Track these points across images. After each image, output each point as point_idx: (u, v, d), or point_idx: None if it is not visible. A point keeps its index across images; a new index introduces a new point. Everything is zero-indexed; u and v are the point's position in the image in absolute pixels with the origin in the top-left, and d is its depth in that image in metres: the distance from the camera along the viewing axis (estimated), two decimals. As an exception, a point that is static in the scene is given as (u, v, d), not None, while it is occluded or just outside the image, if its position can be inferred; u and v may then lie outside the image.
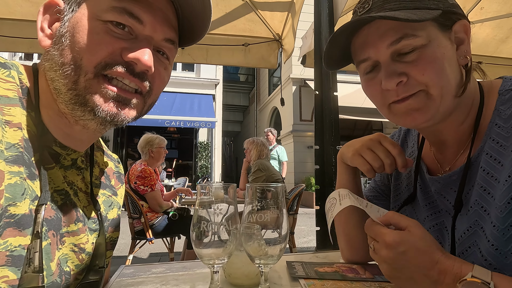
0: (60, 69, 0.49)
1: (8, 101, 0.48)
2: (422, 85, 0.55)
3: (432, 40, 0.54)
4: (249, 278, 0.67)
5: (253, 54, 3.00)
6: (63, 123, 0.54)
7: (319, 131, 2.31)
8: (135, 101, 0.54)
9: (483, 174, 0.56)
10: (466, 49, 0.58)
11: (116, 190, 0.74)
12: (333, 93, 2.36)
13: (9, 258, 0.44)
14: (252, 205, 0.61)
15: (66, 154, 0.57)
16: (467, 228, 0.58)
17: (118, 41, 0.50)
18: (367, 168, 0.70)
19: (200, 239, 0.60)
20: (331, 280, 0.69)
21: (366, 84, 0.63)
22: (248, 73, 19.46)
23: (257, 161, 3.27)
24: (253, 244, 0.61)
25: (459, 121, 0.61)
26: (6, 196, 0.43)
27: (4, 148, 0.44)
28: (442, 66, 0.54)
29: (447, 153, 0.67)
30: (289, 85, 11.34)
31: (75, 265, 0.57)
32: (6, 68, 0.50)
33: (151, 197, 2.86)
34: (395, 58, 0.56)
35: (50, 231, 0.51)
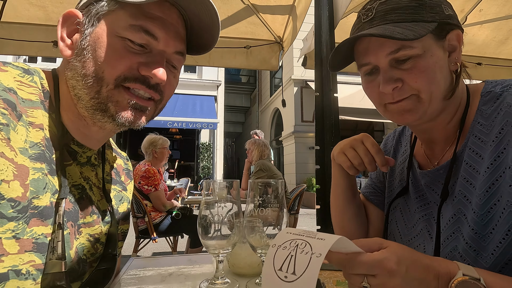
0: (82, 80, 0.55)
1: (31, 104, 0.53)
2: (415, 90, 0.62)
3: (426, 50, 0.60)
4: (251, 267, 0.71)
5: (254, 56, 3.05)
6: (82, 124, 0.60)
7: (319, 132, 2.35)
8: (149, 108, 0.61)
9: (466, 167, 0.62)
10: (457, 56, 0.64)
11: (126, 185, 0.80)
12: (334, 95, 2.40)
13: (34, 245, 0.49)
14: (254, 200, 0.66)
15: (82, 152, 0.62)
16: (451, 215, 0.63)
17: (135, 56, 0.56)
18: (347, 165, 0.76)
19: (206, 233, 0.64)
20: (328, 270, 0.73)
21: (366, 84, 0.70)
22: (250, 74, 19.53)
23: (258, 161, 3.31)
24: (255, 236, 0.65)
25: (447, 120, 0.68)
26: (31, 189, 0.48)
27: (28, 146, 0.50)
28: (434, 75, 0.61)
29: (436, 150, 0.73)
30: (291, 86, 11.38)
31: (91, 253, 0.62)
32: (29, 74, 0.56)
33: (155, 196, 2.91)
34: (393, 65, 0.63)
35: (69, 222, 0.57)
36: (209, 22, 0.63)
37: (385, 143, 0.92)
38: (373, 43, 0.63)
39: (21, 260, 0.47)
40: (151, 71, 0.56)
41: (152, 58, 0.57)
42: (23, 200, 0.47)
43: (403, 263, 0.45)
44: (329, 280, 0.66)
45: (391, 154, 0.87)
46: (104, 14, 0.55)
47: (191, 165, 13.41)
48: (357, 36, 0.62)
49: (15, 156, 0.46)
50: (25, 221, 0.47)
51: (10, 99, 0.48)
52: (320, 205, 2.26)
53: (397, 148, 0.87)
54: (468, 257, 0.57)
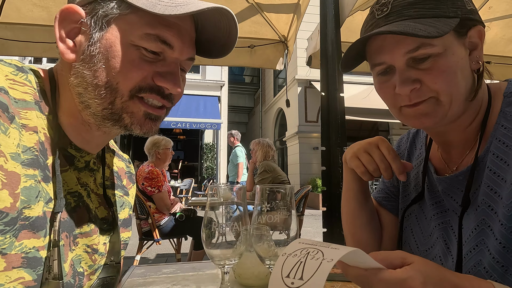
0: (94, 91, 0.51)
1: (25, 104, 0.49)
2: (434, 92, 0.57)
3: (447, 49, 0.56)
4: (259, 278, 0.67)
5: (258, 56, 3.01)
6: (84, 129, 0.56)
7: (325, 133, 2.31)
8: (162, 116, 0.59)
9: (490, 173, 0.57)
10: (479, 54, 0.59)
11: (128, 190, 0.75)
12: (339, 94, 2.35)
13: (24, 260, 0.45)
14: (261, 207, 0.62)
15: (80, 157, 0.58)
16: (474, 226, 0.58)
17: (150, 65, 0.53)
18: (361, 171, 0.71)
19: (210, 240, 0.60)
20: (340, 281, 0.69)
21: (379, 86, 0.65)
22: (253, 74, 19.50)
23: (263, 162, 3.28)
24: (263, 245, 0.61)
25: (467, 123, 0.63)
26: (22, 199, 0.44)
27: (21, 151, 0.46)
28: (454, 75, 0.56)
29: (453, 154, 0.68)
30: (295, 86, 11.33)
31: (88, 265, 0.58)
32: (23, 72, 0.52)
33: (158, 198, 2.88)
34: (410, 64, 0.58)
35: (63, 233, 0.53)
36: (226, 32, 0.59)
37: (398, 145, 0.87)
38: (389, 41, 0.58)
39: (8, 278, 0.43)
40: (167, 82, 0.54)
41: (167, 68, 0.54)
42: (12, 211, 0.43)
43: (429, 283, 0.40)
44: (342, 293, 0.62)
45: (405, 157, 0.82)
46: (115, 19, 0.51)
47: (194, 165, 13.41)
48: (374, 33, 0.57)
49: (5, 163, 0.42)
50: (13, 234, 0.43)
51: (1, 100, 0.44)
52: (326, 207, 2.22)
53: (412, 151, 0.82)
54: (494, 273, 0.53)
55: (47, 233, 0.48)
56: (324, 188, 2.26)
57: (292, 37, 2.82)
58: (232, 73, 17.71)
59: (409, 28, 0.53)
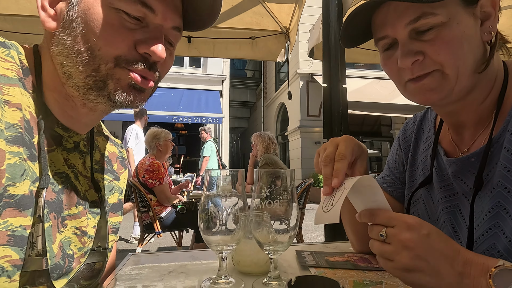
0: (76, 57, 0.49)
1: (7, 80, 0.47)
2: (438, 64, 0.54)
3: (452, 18, 0.52)
4: (258, 265, 0.65)
5: (260, 48, 2.97)
6: (69, 105, 0.54)
7: (327, 125, 2.27)
8: (148, 88, 0.56)
9: (507, 154, 0.54)
10: (491, 25, 0.56)
11: (119, 174, 0.74)
12: (342, 86, 2.31)
13: (10, 238, 0.43)
14: (261, 192, 0.60)
15: (68, 137, 0.57)
16: (488, 209, 0.55)
17: (131, 32, 0.50)
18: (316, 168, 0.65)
19: (208, 228, 0.58)
20: (342, 269, 0.67)
21: (384, 62, 0.63)
22: (255, 69, 19.39)
23: (264, 155, 3.25)
24: (262, 231, 0.59)
25: (479, 100, 0.60)
26: (7, 176, 0.43)
27: (4, 128, 0.44)
28: (460, 46, 0.53)
29: (465, 135, 0.65)
30: (296, 80, 11.25)
31: (78, 248, 0.57)
32: (5, 47, 0.50)
33: (159, 190, 2.88)
34: (413, 36, 0.55)
35: (51, 214, 0.51)
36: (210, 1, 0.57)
37: (404, 129, 0.84)
38: (391, 13, 0.56)
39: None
40: (150, 48, 0.51)
41: (149, 34, 0.52)
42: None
43: (425, 227, 0.46)
44: (345, 280, 0.60)
45: (413, 141, 0.79)
46: None
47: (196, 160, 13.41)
48: (370, 1, 0.55)
49: None
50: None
51: None
52: (328, 199, 2.20)
53: (419, 135, 0.79)
54: (510, 257, 0.50)
55: (34, 212, 0.46)
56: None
57: (294, 28, 2.77)
58: (233, 67, 17.62)
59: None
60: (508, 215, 0.52)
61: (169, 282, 0.63)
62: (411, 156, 0.78)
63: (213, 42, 2.90)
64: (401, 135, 0.84)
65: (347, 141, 0.62)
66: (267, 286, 0.58)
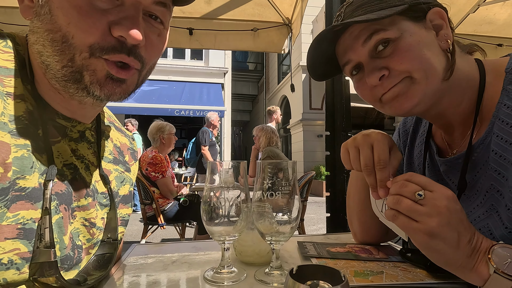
0: (51, 46, 0.46)
1: (8, 72, 0.46)
2: (405, 72, 0.56)
3: (404, 32, 0.56)
4: (260, 256, 0.66)
5: (262, 39, 2.94)
6: (59, 98, 0.52)
7: (330, 117, 2.26)
8: (130, 78, 0.51)
9: (495, 157, 0.55)
10: (446, 33, 0.58)
11: (130, 166, 0.73)
12: (345, 78, 2.30)
13: (20, 231, 0.44)
14: (263, 183, 0.60)
15: (71, 126, 0.55)
16: (482, 212, 0.57)
17: (104, 14, 0.46)
18: (347, 167, 0.66)
19: (211, 219, 0.59)
20: (343, 259, 0.68)
21: (356, 85, 0.65)
22: (257, 61, 19.24)
23: (266, 148, 3.26)
24: (264, 222, 0.60)
25: (455, 103, 0.61)
26: (14, 169, 0.43)
27: (8, 120, 0.43)
28: (420, 51, 0.55)
29: (455, 135, 0.66)
30: (299, 73, 11.17)
31: (86, 239, 0.57)
32: (2, 38, 0.48)
33: (162, 183, 2.90)
34: (374, 56, 0.59)
35: (62, 205, 0.51)
36: None
37: (404, 121, 0.84)
38: (347, 40, 0.60)
39: (1, 249, 0.42)
40: (122, 28, 0.45)
41: (124, 13, 0.47)
42: (3, 181, 0.41)
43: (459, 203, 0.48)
44: (346, 270, 0.61)
45: (410, 134, 0.80)
46: None
47: (199, 153, 13.45)
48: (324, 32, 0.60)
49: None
50: (4, 205, 0.42)
51: None
52: (330, 192, 2.20)
53: (417, 128, 0.79)
54: None
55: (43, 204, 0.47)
56: (328, 173, 2.24)
57: (296, 19, 2.73)
58: (235, 60, 17.49)
59: (348, 20, 0.56)
60: (499, 217, 0.54)
61: (172, 272, 0.64)
62: (408, 150, 0.79)
63: (215, 34, 2.88)
64: (401, 127, 0.84)
65: (381, 141, 0.61)
66: (269, 276, 0.59)
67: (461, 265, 0.46)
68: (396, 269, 0.62)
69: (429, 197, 0.47)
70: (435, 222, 0.45)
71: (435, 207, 0.46)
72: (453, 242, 0.45)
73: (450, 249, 0.45)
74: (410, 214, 0.47)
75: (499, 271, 0.43)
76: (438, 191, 0.47)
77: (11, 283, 0.43)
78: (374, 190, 0.59)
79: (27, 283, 0.45)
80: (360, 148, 0.62)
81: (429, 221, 0.46)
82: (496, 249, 0.45)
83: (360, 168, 0.62)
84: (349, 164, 0.65)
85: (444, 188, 0.48)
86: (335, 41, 0.63)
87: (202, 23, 2.70)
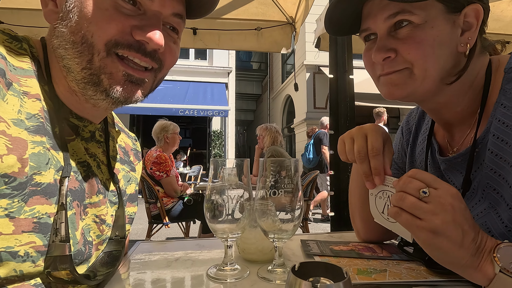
0: (72, 48, 0.49)
1: (23, 72, 0.48)
2: (408, 63, 0.56)
3: (428, 21, 0.54)
4: (263, 253, 0.66)
5: (265, 39, 2.94)
6: (74, 100, 0.55)
7: (334, 116, 2.26)
8: (147, 80, 0.54)
9: (492, 156, 0.55)
10: (470, 36, 0.56)
11: (135, 166, 0.75)
12: (349, 76, 2.29)
13: (36, 225, 0.45)
14: (266, 181, 0.60)
15: (83, 126, 0.58)
16: (480, 211, 0.57)
17: (127, 18, 0.50)
18: (343, 157, 0.67)
19: (214, 216, 0.59)
20: (346, 257, 0.68)
21: (364, 53, 0.64)
22: (261, 61, 19.22)
23: (270, 147, 3.26)
24: (267, 220, 0.60)
25: (453, 103, 0.61)
26: (31, 165, 0.44)
27: (24, 118, 0.45)
28: (430, 49, 0.54)
29: (455, 133, 0.66)
30: (303, 72, 11.13)
31: (96, 235, 0.58)
32: (18, 40, 0.50)
33: (166, 182, 2.92)
34: (390, 33, 0.57)
35: (75, 202, 0.53)
36: None
37: (407, 119, 0.84)
38: (376, 6, 0.58)
39: (18, 241, 0.43)
40: (146, 34, 0.49)
41: (146, 21, 0.51)
42: (20, 176, 0.43)
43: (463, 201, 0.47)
44: (349, 268, 0.61)
45: (413, 132, 0.79)
46: None
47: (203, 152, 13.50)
48: None
49: (7, 128, 0.42)
50: (22, 199, 0.43)
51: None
52: (334, 191, 2.20)
53: (419, 125, 0.79)
54: None
55: (58, 200, 0.48)
56: (332, 172, 2.24)
57: (300, 18, 2.73)
58: (239, 59, 17.49)
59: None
60: (498, 216, 0.54)
61: (176, 269, 0.64)
62: (410, 148, 0.79)
63: (219, 33, 2.88)
64: (404, 125, 0.84)
65: (375, 131, 0.63)
66: (271, 273, 0.59)
67: (465, 264, 0.46)
68: (400, 267, 0.62)
69: (434, 194, 0.46)
70: (439, 220, 0.45)
71: (440, 204, 0.45)
72: (457, 240, 0.45)
73: (454, 247, 0.45)
74: (414, 212, 0.47)
75: (505, 270, 0.43)
76: (443, 188, 0.47)
77: (26, 275, 0.45)
78: (368, 179, 0.60)
79: (41, 276, 0.47)
80: (355, 138, 0.63)
81: (434, 218, 0.45)
82: (501, 248, 0.45)
83: (354, 158, 0.63)
84: (344, 155, 0.66)
85: (449, 186, 0.47)
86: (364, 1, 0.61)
87: (206, 23, 2.71)
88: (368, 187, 0.61)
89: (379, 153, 0.60)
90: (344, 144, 0.66)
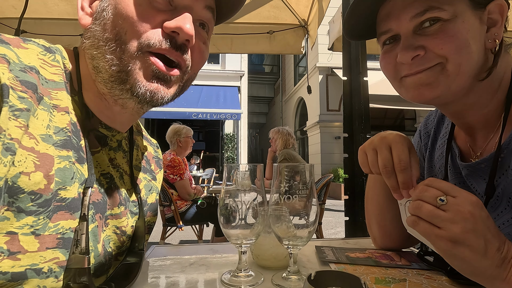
0: (105, 45, 0.48)
1: (55, 85, 0.48)
2: (441, 57, 0.52)
3: (458, 16, 0.51)
4: (277, 259, 0.65)
5: (278, 42, 2.94)
6: (103, 105, 0.54)
7: (347, 119, 2.22)
8: (174, 78, 0.52)
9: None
10: (497, 32, 0.54)
11: (156, 174, 0.74)
12: (363, 78, 2.25)
13: (60, 241, 0.45)
14: (280, 186, 0.59)
15: (111, 136, 0.58)
16: (507, 219, 0.54)
17: (159, 13, 0.49)
18: (365, 170, 0.64)
19: (228, 222, 0.59)
20: (363, 265, 0.66)
21: (382, 55, 0.61)
22: (273, 63, 19.25)
23: (283, 150, 3.24)
24: (281, 226, 0.59)
25: (481, 104, 0.57)
26: (56, 180, 0.44)
27: (52, 132, 0.45)
28: (466, 42, 0.51)
29: (478, 137, 0.62)
30: (316, 74, 11.06)
31: (116, 246, 0.58)
32: (51, 52, 0.51)
33: (180, 185, 2.95)
34: (416, 31, 0.54)
35: (97, 214, 0.52)
36: None
37: (425, 123, 0.80)
38: (397, 6, 0.55)
39: (43, 258, 0.43)
40: (177, 24, 0.48)
41: (177, 15, 0.50)
42: (46, 193, 0.42)
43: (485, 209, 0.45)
44: (366, 277, 0.59)
45: (431, 136, 0.76)
46: None
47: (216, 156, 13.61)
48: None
49: (36, 145, 0.42)
50: (47, 215, 0.43)
51: (30, 80, 0.43)
52: (349, 195, 2.16)
53: (438, 129, 0.75)
54: None
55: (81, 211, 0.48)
56: (346, 176, 2.20)
57: (313, 21, 2.71)
58: (251, 63, 17.59)
59: None
60: None
61: (190, 274, 0.64)
62: (429, 152, 0.76)
63: (231, 37, 2.91)
64: (422, 128, 0.81)
65: (400, 142, 0.59)
66: (286, 280, 0.58)
67: (491, 275, 0.43)
68: (420, 277, 0.60)
69: (452, 202, 0.44)
70: (459, 228, 0.42)
71: (459, 212, 0.43)
72: (479, 250, 0.42)
73: (476, 257, 0.42)
74: (431, 220, 0.45)
75: None
76: (462, 196, 0.45)
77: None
78: (396, 192, 0.57)
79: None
80: (378, 150, 0.60)
81: (453, 227, 0.43)
82: None
83: (379, 171, 0.59)
84: (367, 167, 0.63)
85: (468, 194, 0.45)
86: (380, 3, 0.58)
87: (218, 27, 2.72)
88: (396, 197, 0.59)
89: (407, 166, 0.56)
90: (366, 156, 0.63)
